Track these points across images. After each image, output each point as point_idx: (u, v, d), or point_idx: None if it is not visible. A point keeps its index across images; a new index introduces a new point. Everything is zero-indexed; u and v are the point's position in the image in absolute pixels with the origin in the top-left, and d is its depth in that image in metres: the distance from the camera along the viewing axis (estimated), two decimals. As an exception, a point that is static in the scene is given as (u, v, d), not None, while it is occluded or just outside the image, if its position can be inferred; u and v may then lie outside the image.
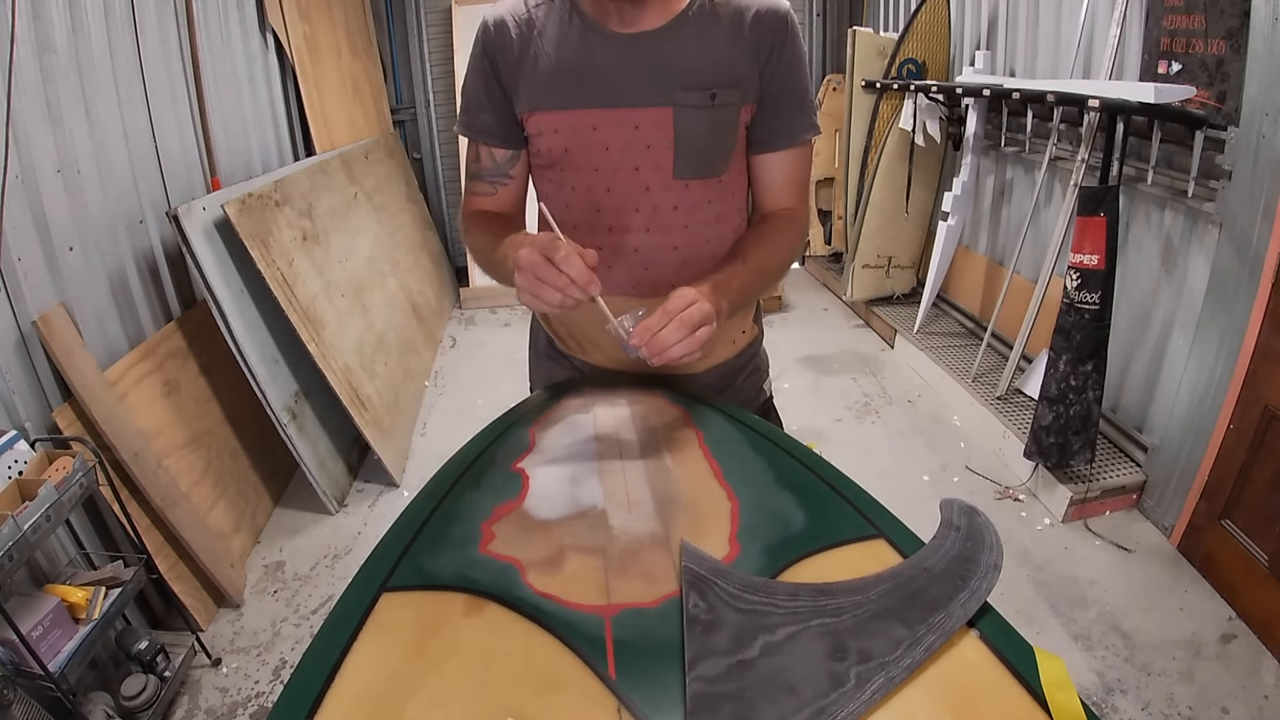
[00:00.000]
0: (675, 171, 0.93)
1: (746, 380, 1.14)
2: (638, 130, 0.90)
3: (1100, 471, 2.23)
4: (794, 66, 0.93)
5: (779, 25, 0.90)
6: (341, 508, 2.42)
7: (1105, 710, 1.59)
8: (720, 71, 0.89)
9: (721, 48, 0.89)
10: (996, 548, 0.63)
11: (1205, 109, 1.93)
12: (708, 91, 0.89)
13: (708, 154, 0.93)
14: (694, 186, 0.95)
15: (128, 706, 1.54)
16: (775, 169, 0.99)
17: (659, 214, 0.95)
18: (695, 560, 0.61)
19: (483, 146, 0.99)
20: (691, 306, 0.77)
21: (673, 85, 0.89)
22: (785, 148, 0.97)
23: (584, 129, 0.91)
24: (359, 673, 0.53)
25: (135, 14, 2.03)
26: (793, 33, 0.91)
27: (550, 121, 0.93)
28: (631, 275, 0.99)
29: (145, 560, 1.63)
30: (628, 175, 0.93)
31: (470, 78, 0.98)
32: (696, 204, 0.96)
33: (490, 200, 1.02)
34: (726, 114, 0.91)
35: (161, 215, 2.10)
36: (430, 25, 4.09)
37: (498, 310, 4.14)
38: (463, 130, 1.01)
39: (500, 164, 1.00)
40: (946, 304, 3.50)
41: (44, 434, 1.58)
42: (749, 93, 0.92)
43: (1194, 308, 2.00)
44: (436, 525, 0.69)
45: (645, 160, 0.92)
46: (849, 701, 0.49)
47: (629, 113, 0.90)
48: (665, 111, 0.89)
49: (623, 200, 0.95)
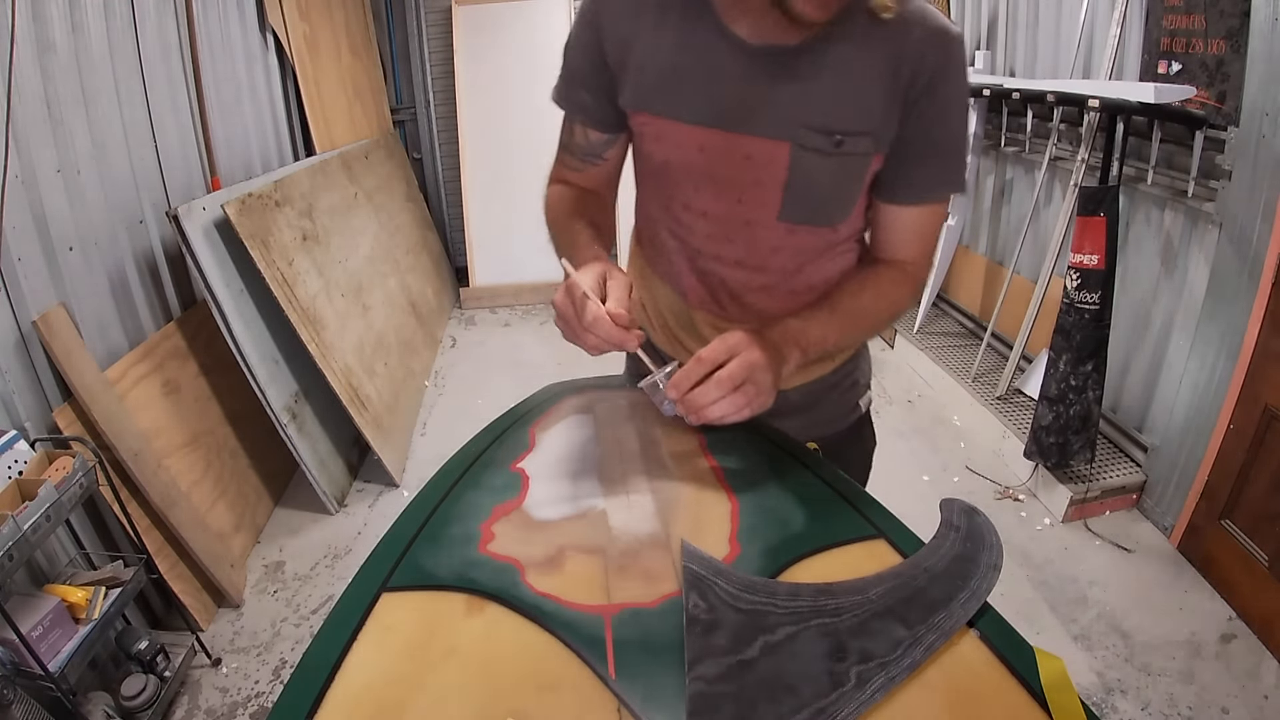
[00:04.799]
0: (780, 214, 0.81)
1: (840, 397, 1.00)
2: (748, 161, 0.78)
3: (1100, 471, 2.23)
4: (948, 110, 0.77)
5: (940, 58, 0.73)
6: (341, 508, 2.42)
7: (1105, 710, 1.59)
8: (855, 111, 0.75)
9: (864, 81, 0.74)
10: (996, 548, 0.63)
11: (1205, 109, 1.93)
12: (834, 135, 0.75)
13: (822, 203, 0.81)
14: (800, 232, 0.83)
15: (128, 706, 1.54)
16: (899, 221, 0.84)
17: (756, 251, 0.85)
18: (695, 560, 0.61)
19: (577, 123, 0.89)
20: (735, 359, 0.68)
21: (796, 120, 0.75)
22: (915, 204, 0.82)
23: (689, 146, 0.80)
24: (359, 673, 0.53)
25: (135, 14, 2.03)
26: (955, 69, 0.75)
27: (654, 128, 0.82)
28: (717, 301, 0.91)
29: (145, 560, 1.63)
30: (728, 205, 0.82)
31: (573, 44, 0.85)
32: (800, 250, 0.85)
33: (578, 176, 0.93)
34: (851, 164, 0.78)
35: (161, 215, 2.10)
36: (430, 25, 4.09)
37: (498, 310, 4.14)
38: (557, 100, 0.89)
39: (593, 145, 0.90)
40: (946, 304, 3.50)
41: (44, 434, 1.58)
42: (883, 140, 0.77)
43: (1194, 308, 2.00)
44: (436, 525, 0.69)
45: (750, 195, 0.81)
46: (849, 701, 0.49)
47: (742, 140, 0.77)
48: (782, 147, 0.76)
49: (718, 228, 0.85)
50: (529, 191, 3.94)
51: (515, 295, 4.14)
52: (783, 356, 0.73)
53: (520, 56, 3.95)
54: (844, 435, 1.01)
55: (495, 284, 4.13)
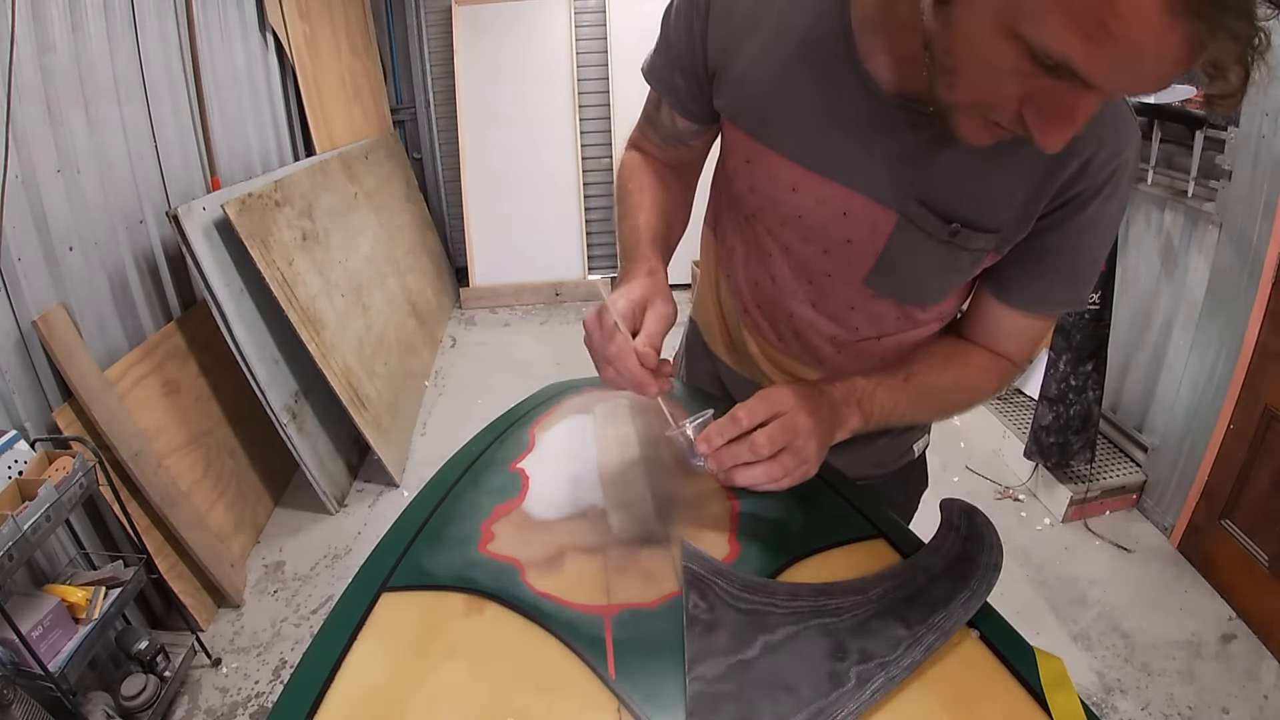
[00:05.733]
0: (866, 280, 0.72)
1: (893, 440, 0.90)
2: (845, 219, 0.68)
3: (1100, 471, 2.23)
4: (1097, 225, 0.64)
5: (1111, 166, 0.60)
6: (341, 508, 2.42)
7: (1105, 710, 1.59)
8: (986, 205, 0.63)
9: (1007, 172, 0.61)
10: (996, 548, 0.63)
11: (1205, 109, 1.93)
12: (951, 224, 0.64)
13: (915, 284, 0.72)
14: (884, 303, 0.74)
15: (128, 706, 1.54)
16: (1004, 319, 0.73)
17: (830, 302, 0.76)
18: (695, 560, 0.61)
19: (665, 104, 0.79)
20: (776, 421, 0.61)
21: (913, 192, 0.64)
22: (1028, 311, 0.71)
23: (781, 182, 0.70)
24: (359, 673, 0.53)
25: (135, 14, 2.03)
26: (1120, 182, 0.62)
27: (746, 149, 0.72)
28: (776, 332, 0.82)
29: (145, 560, 1.63)
30: (813, 252, 0.73)
31: (674, 20, 0.73)
32: (881, 317, 0.76)
33: (659, 152, 0.86)
34: (962, 258, 0.67)
35: (161, 215, 2.10)
36: (430, 25, 4.09)
37: (498, 310, 4.14)
38: (649, 77, 0.79)
39: (680, 131, 0.81)
40: (946, 304, 3.49)
41: (44, 434, 1.58)
42: (1004, 244, 0.66)
43: (1194, 308, 2.00)
44: (436, 525, 0.69)
45: (839, 251, 0.71)
46: (849, 701, 0.49)
47: (845, 193, 0.67)
48: (888, 215, 0.66)
49: (796, 267, 0.76)
50: (529, 192, 3.96)
51: (515, 295, 4.15)
52: (840, 419, 0.66)
53: (520, 56, 3.95)
54: (891, 477, 0.93)
55: (495, 284, 4.13)
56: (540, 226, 4.09)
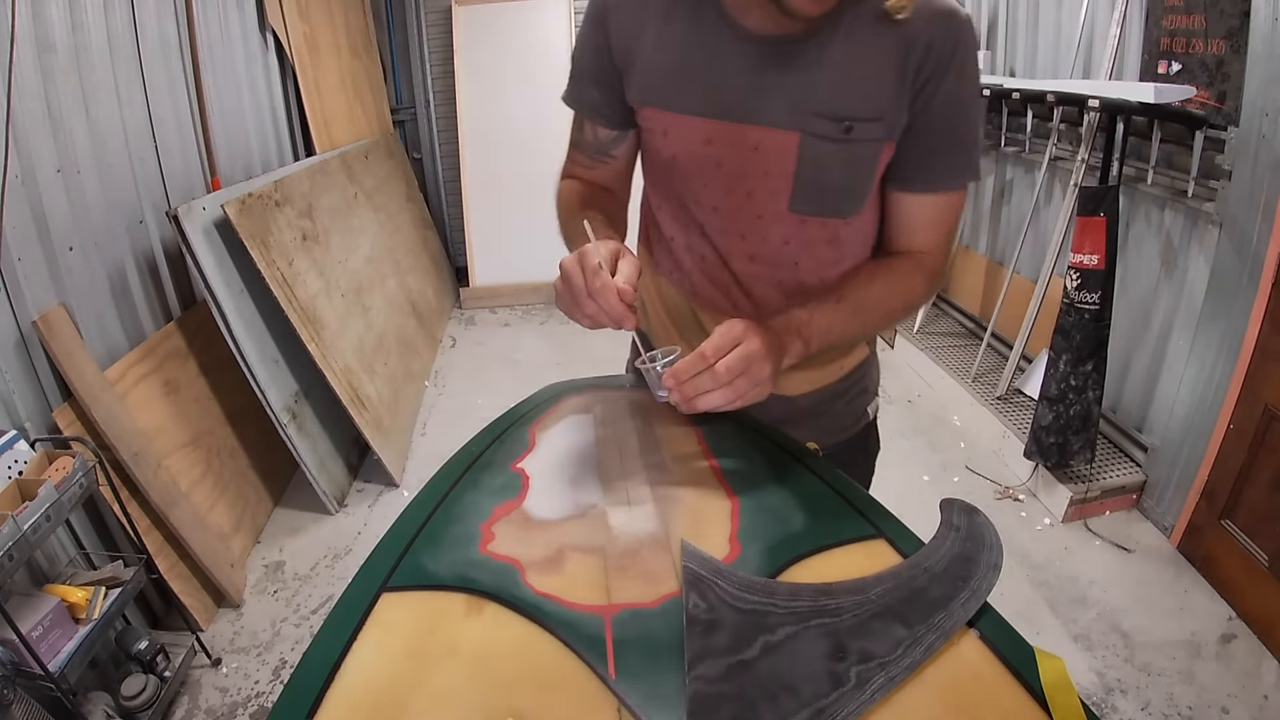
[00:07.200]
0: (791, 205, 0.80)
1: (848, 404, 0.99)
2: (756, 152, 0.78)
3: (1100, 471, 2.23)
4: (960, 97, 0.76)
5: (950, 44, 0.73)
6: (341, 508, 2.42)
7: (1105, 710, 1.59)
8: (864, 98, 0.74)
9: (873, 67, 0.73)
10: (997, 548, 0.63)
11: (1205, 109, 1.93)
12: (843, 122, 0.74)
13: (832, 192, 0.80)
14: (811, 224, 0.82)
15: (128, 706, 1.54)
16: (913, 209, 0.83)
17: (767, 245, 0.84)
18: (695, 560, 0.61)
19: (587, 121, 0.90)
20: (735, 350, 0.67)
21: (804, 107, 0.75)
22: (928, 192, 0.81)
23: (695, 139, 0.80)
24: (359, 673, 0.53)
25: (135, 14, 2.03)
26: (965, 53, 0.74)
27: (661, 121, 0.82)
28: (729, 298, 0.90)
29: (145, 560, 1.63)
30: (739, 199, 0.82)
31: (581, 44, 0.87)
32: (812, 242, 0.84)
33: (589, 173, 0.94)
34: (862, 151, 0.77)
35: (161, 215, 2.10)
36: (430, 25, 4.09)
37: (498, 310, 4.14)
38: (568, 101, 0.91)
39: (603, 142, 0.90)
40: (946, 304, 3.50)
41: (44, 434, 1.58)
42: (894, 127, 0.76)
43: (1194, 308, 2.00)
44: (436, 525, 0.69)
45: (760, 186, 0.80)
46: (849, 701, 0.49)
47: (749, 130, 0.77)
48: (790, 136, 0.76)
49: (728, 223, 0.84)
50: (529, 191, 3.96)
51: (515, 295, 4.15)
52: (783, 347, 0.72)
53: (520, 56, 3.95)
54: (850, 442, 1.01)
55: (495, 284, 4.13)
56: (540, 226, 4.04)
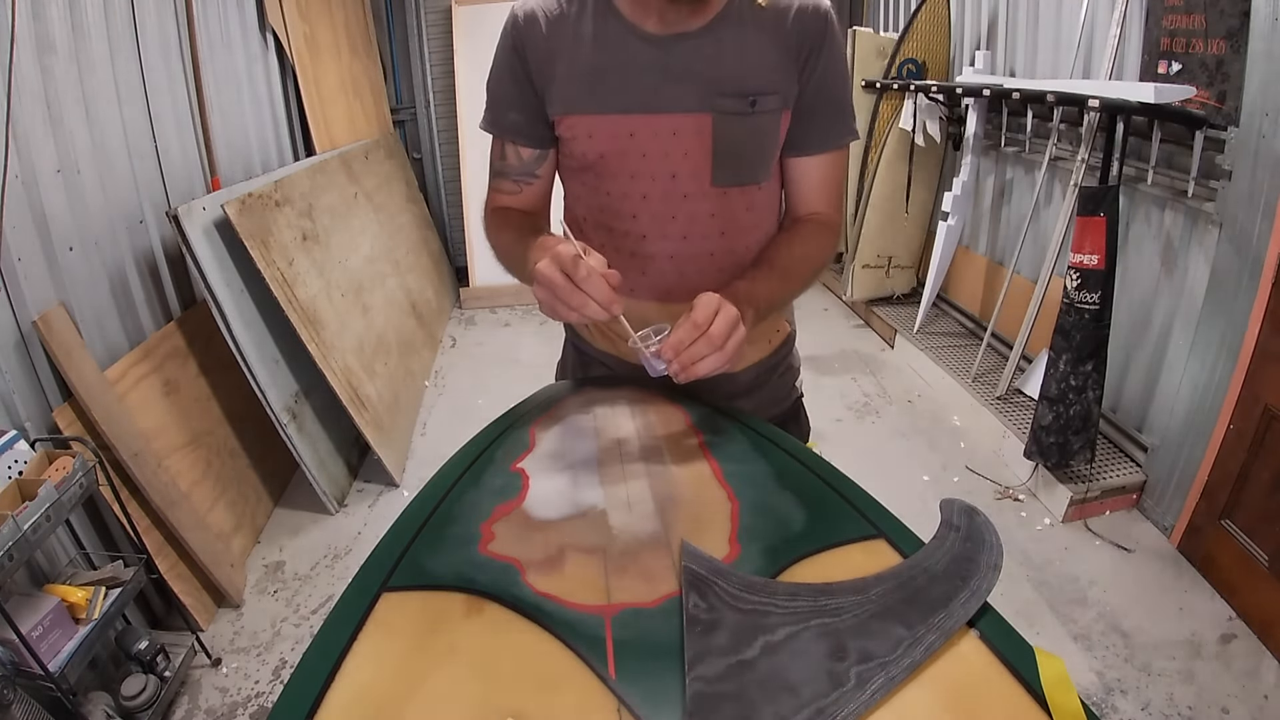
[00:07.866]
0: (713, 179, 0.91)
1: (780, 378, 1.12)
2: (675, 137, 0.88)
3: (1100, 471, 2.23)
4: (833, 69, 0.90)
5: (820, 26, 0.88)
6: (341, 508, 2.42)
7: (1105, 710, 1.59)
8: (760, 76, 0.87)
9: (761, 51, 0.87)
10: (996, 548, 0.63)
11: (1205, 109, 1.93)
12: (747, 98, 0.86)
13: (747, 162, 0.91)
14: (732, 194, 0.93)
15: (128, 706, 1.54)
16: (809, 173, 0.96)
17: (696, 222, 0.93)
18: (695, 560, 0.61)
19: (509, 144, 0.97)
20: (718, 316, 0.74)
21: (712, 91, 0.86)
22: (820, 152, 0.95)
23: (621, 135, 0.89)
24: (359, 673, 0.53)
25: (135, 14, 2.03)
26: (833, 34, 0.89)
27: (585, 126, 0.90)
28: (664, 282, 0.97)
29: (145, 560, 1.63)
30: (665, 183, 0.91)
31: (497, 73, 0.94)
32: (734, 212, 0.94)
33: (514, 198, 1.00)
34: (766, 121, 0.89)
35: (161, 215, 2.10)
36: (430, 25, 4.09)
37: (498, 310, 4.14)
38: (488, 127, 0.98)
39: (527, 163, 0.97)
40: (946, 304, 3.50)
41: (44, 434, 1.58)
42: (789, 97, 0.89)
43: (1194, 308, 2.00)
44: (436, 525, 0.69)
45: (683, 168, 0.90)
46: (849, 701, 0.49)
47: (667, 119, 0.88)
48: (704, 118, 0.87)
49: (659, 207, 0.93)
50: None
51: (515, 295, 4.15)
52: (746, 314, 0.78)
53: (520, 56, 3.95)
54: (786, 416, 1.13)
55: (495, 284, 4.13)
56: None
